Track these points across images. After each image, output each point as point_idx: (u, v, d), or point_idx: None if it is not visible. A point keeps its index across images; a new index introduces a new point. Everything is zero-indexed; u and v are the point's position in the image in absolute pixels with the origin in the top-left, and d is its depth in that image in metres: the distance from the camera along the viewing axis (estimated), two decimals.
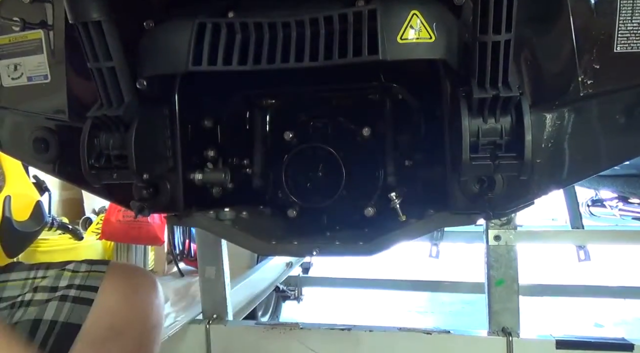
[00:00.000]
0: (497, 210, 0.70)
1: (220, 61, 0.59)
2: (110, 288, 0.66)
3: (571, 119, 0.62)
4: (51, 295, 0.65)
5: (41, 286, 0.65)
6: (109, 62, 0.60)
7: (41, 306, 0.63)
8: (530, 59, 0.61)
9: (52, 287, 0.66)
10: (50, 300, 0.64)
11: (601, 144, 0.63)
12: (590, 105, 0.62)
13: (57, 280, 0.67)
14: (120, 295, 0.67)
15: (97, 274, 0.69)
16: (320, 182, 0.83)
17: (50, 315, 0.62)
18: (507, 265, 1.11)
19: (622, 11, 0.58)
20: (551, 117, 0.63)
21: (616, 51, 0.59)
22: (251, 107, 0.86)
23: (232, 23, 0.60)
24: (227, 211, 0.79)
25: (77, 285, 0.66)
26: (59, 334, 0.62)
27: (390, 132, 0.79)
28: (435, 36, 0.56)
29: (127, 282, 0.70)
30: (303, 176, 0.84)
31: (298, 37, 0.59)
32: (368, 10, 0.57)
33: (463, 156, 0.57)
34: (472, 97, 0.56)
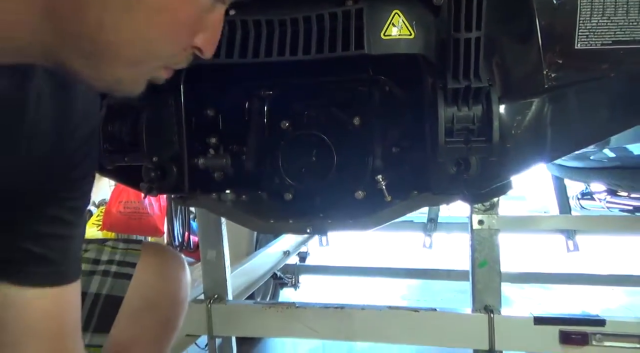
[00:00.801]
0: (474, 190, 0.77)
1: (223, 54, 0.66)
2: (147, 265, 0.73)
3: (537, 108, 0.69)
4: (94, 268, 0.71)
5: (85, 257, 0.72)
6: None
7: (86, 278, 0.70)
8: (501, 54, 0.68)
9: (95, 260, 0.72)
10: (94, 273, 0.71)
11: (564, 131, 0.71)
12: (553, 96, 0.69)
13: (99, 253, 0.73)
14: (155, 271, 0.74)
15: (134, 252, 0.75)
16: (314, 167, 0.90)
17: (95, 288, 0.69)
18: (489, 248, 1.18)
19: (582, 12, 0.65)
20: (520, 107, 0.70)
21: (577, 48, 0.66)
22: (250, 97, 0.93)
23: (233, 20, 0.67)
24: (228, 193, 0.87)
25: (117, 261, 0.72)
26: (104, 305, 0.69)
27: (378, 120, 0.86)
28: (415, 33, 0.63)
29: (161, 260, 0.76)
30: (298, 161, 0.91)
31: (293, 33, 0.66)
32: (355, 9, 0.64)
33: (439, 139, 0.64)
34: (447, 88, 0.63)
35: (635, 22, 0.65)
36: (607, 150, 1.72)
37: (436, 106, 0.66)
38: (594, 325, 1.07)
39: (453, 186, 0.75)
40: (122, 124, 0.71)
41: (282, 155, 0.89)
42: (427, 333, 1.18)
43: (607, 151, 1.74)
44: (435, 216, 2.59)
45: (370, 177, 0.84)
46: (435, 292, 2.90)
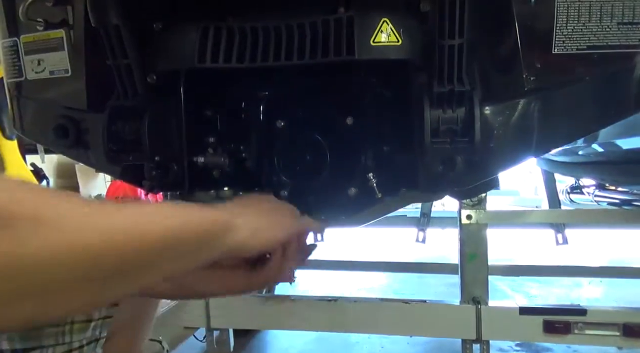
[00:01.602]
0: (460, 186, 0.82)
1: (221, 59, 0.70)
2: None
3: (518, 109, 0.73)
4: None
5: None
6: (126, 60, 0.71)
7: None
8: (483, 59, 0.72)
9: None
10: None
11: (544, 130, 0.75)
12: (534, 97, 0.73)
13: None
14: None
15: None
16: (308, 165, 0.94)
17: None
18: (477, 242, 1.23)
19: (559, 18, 0.69)
20: (502, 108, 0.74)
21: (554, 52, 0.70)
22: (246, 98, 0.97)
23: (231, 27, 0.70)
24: (227, 191, 0.91)
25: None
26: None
27: (369, 121, 0.90)
28: (402, 40, 0.67)
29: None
30: (293, 159, 0.95)
31: (288, 39, 0.70)
32: (347, 17, 0.68)
33: (425, 139, 0.68)
34: (433, 91, 0.68)
35: (608, 28, 0.69)
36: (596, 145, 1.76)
37: (422, 107, 0.70)
38: (575, 314, 1.12)
39: (440, 183, 0.79)
40: (125, 125, 0.75)
41: (278, 154, 0.93)
42: (417, 324, 1.23)
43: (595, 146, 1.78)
44: (428, 211, 2.64)
45: (361, 174, 0.88)
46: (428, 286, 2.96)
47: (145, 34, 0.75)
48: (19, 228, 0.30)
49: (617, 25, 0.69)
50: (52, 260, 0.32)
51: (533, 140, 0.75)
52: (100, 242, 0.35)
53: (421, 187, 0.82)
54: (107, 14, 0.67)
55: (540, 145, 0.76)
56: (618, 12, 0.69)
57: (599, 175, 2.23)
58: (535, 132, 0.74)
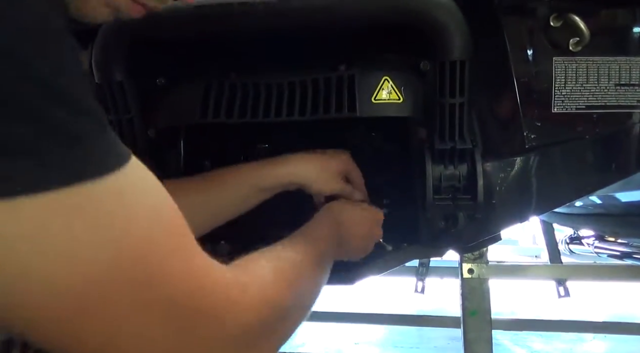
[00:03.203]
0: (463, 243, 0.80)
1: (223, 115, 0.70)
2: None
3: (520, 166, 0.73)
4: None
5: None
6: (127, 115, 0.71)
7: None
8: (484, 116, 0.73)
9: None
10: None
11: (549, 186, 0.75)
12: (535, 155, 0.73)
13: None
14: None
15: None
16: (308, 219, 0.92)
17: None
18: (480, 297, 1.19)
19: (557, 79, 0.70)
20: (503, 165, 0.74)
21: (554, 111, 0.71)
22: (246, 150, 0.97)
23: (234, 83, 0.71)
24: (223, 244, 0.88)
25: None
26: None
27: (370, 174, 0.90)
28: (403, 97, 0.68)
29: None
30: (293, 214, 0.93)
31: (289, 96, 0.70)
32: (348, 75, 0.69)
33: (427, 197, 0.68)
34: (435, 148, 0.67)
35: (606, 89, 0.71)
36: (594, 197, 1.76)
37: (423, 164, 0.70)
38: None
39: (442, 239, 0.78)
40: None
41: (277, 208, 0.92)
42: None
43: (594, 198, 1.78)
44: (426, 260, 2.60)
45: None
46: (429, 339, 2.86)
47: (148, 89, 0.76)
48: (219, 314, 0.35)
49: (615, 86, 0.70)
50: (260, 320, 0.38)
51: (535, 198, 0.74)
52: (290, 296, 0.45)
53: (423, 241, 0.80)
54: (112, 71, 0.68)
55: (542, 203, 0.75)
56: (615, 73, 0.70)
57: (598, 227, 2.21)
58: (537, 189, 0.74)
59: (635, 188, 1.34)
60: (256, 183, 0.71)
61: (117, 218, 0.29)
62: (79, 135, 0.27)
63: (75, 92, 0.28)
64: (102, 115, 0.30)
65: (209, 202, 0.69)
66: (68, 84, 0.27)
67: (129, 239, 0.30)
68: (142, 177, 0.33)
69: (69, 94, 0.27)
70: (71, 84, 0.28)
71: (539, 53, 0.70)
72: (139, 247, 0.30)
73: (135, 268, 0.30)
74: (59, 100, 0.27)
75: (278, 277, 0.44)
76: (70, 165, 0.27)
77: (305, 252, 0.54)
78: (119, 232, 0.29)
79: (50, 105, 0.26)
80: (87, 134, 0.28)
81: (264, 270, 0.43)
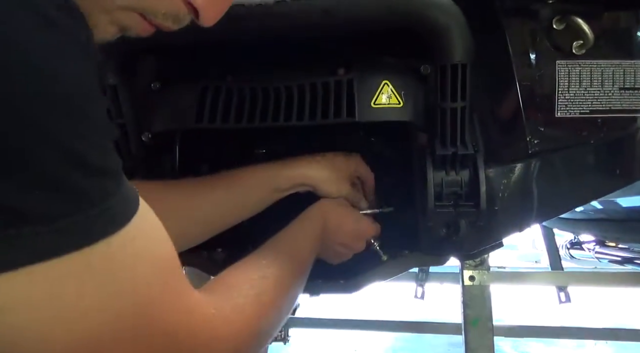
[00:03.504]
0: (465, 251, 0.78)
1: (219, 119, 0.68)
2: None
3: (523, 172, 0.72)
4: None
5: None
6: (121, 120, 0.69)
7: None
8: (486, 121, 0.71)
9: None
10: None
11: (553, 193, 0.73)
12: (539, 160, 0.71)
13: None
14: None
15: None
16: None
17: None
18: (481, 305, 1.17)
19: (560, 83, 0.69)
20: (506, 171, 0.72)
21: (557, 116, 0.69)
22: (244, 155, 0.95)
23: (230, 87, 0.69)
24: (220, 251, 0.86)
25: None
26: None
27: None
28: (404, 102, 0.66)
29: None
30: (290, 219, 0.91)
31: (287, 100, 0.69)
32: (347, 79, 0.67)
33: (429, 204, 0.66)
34: (436, 153, 0.66)
35: (610, 93, 0.69)
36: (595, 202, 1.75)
37: (424, 169, 0.68)
38: None
39: (443, 247, 0.76)
40: None
41: (275, 212, 0.90)
42: None
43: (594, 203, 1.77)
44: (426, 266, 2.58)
45: None
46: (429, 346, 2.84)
47: (143, 93, 0.74)
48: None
49: (619, 90, 0.69)
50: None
51: (538, 204, 0.72)
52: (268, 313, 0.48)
53: (424, 249, 0.78)
54: (105, 75, 0.66)
55: (545, 209, 0.73)
56: (619, 77, 0.69)
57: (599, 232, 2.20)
58: (540, 196, 0.72)
59: (636, 193, 1.32)
60: (272, 184, 0.71)
61: (124, 272, 0.31)
62: (93, 197, 0.28)
63: (92, 153, 0.28)
64: (117, 167, 0.31)
65: (228, 201, 0.70)
66: (86, 147, 0.27)
67: (134, 290, 0.31)
68: (148, 227, 0.34)
69: (86, 156, 0.27)
70: (89, 146, 0.28)
71: (542, 56, 0.69)
72: (143, 297, 0.32)
73: (137, 317, 0.32)
74: (75, 164, 0.27)
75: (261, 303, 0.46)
76: (82, 229, 0.27)
77: (290, 264, 0.56)
78: (126, 285, 0.31)
79: (66, 170, 0.26)
80: (101, 195, 0.28)
81: (247, 299, 0.45)
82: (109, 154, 0.30)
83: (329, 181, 0.73)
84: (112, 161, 0.30)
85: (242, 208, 0.70)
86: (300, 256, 0.61)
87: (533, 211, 0.72)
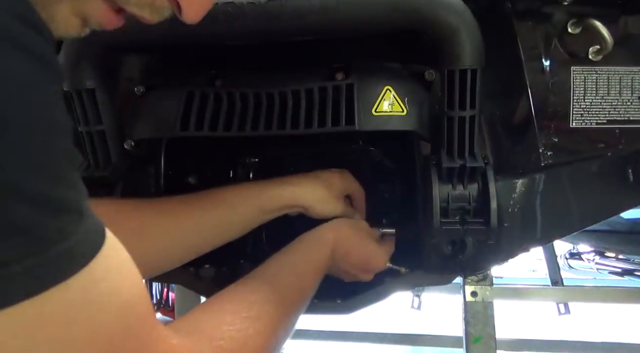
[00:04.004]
0: (470, 271, 0.73)
1: (207, 127, 0.63)
2: None
3: (535, 186, 0.66)
4: None
5: None
6: (100, 126, 0.63)
7: None
8: (496, 131, 0.66)
9: None
10: None
11: (566, 209, 0.68)
12: (551, 174, 0.66)
13: None
14: None
15: None
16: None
17: None
18: (484, 322, 1.12)
19: (575, 91, 0.64)
20: (516, 184, 0.67)
21: (572, 126, 0.64)
22: (234, 165, 0.89)
23: (219, 92, 0.64)
24: (208, 268, 0.80)
25: None
26: None
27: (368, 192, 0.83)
28: (407, 109, 0.61)
29: None
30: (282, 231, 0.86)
31: (281, 107, 0.63)
32: (346, 84, 0.62)
33: (434, 221, 0.60)
34: (442, 166, 0.60)
35: (629, 102, 0.64)
36: None
37: (429, 183, 0.63)
38: None
39: (447, 266, 0.71)
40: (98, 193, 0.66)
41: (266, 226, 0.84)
42: None
43: None
44: None
45: None
46: None
47: (125, 98, 0.69)
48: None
49: (639, 99, 0.64)
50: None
51: (550, 221, 0.67)
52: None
53: (426, 267, 0.73)
54: (82, 77, 0.61)
55: (557, 226, 0.68)
56: (638, 85, 0.64)
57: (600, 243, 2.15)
58: (553, 211, 0.67)
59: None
60: (260, 204, 0.66)
61: (84, 321, 0.27)
62: (48, 237, 0.25)
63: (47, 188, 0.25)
64: (80, 200, 0.27)
65: (210, 221, 0.64)
66: (41, 181, 0.25)
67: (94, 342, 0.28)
68: (114, 265, 0.30)
69: (39, 192, 0.25)
70: (45, 180, 0.25)
71: (556, 62, 0.64)
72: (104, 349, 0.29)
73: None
74: (26, 201, 0.24)
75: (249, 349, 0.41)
76: (32, 275, 0.24)
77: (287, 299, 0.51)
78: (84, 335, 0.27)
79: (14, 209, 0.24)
80: (58, 234, 0.25)
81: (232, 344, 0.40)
82: (71, 186, 0.27)
83: (324, 201, 0.68)
84: (73, 194, 0.27)
85: (226, 230, 0.65)
86: (301, 287, 0.55)
87: (545, 228, 0.67)
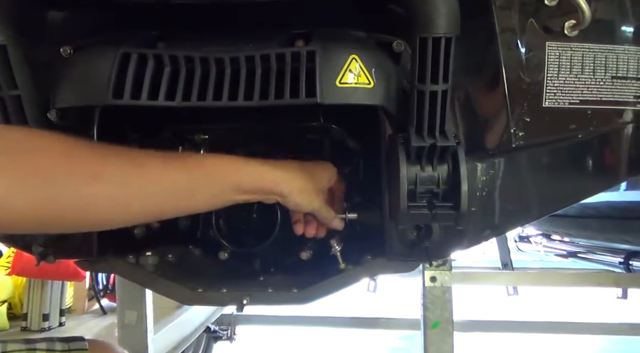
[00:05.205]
0: (436, 257, 0.69)
1: (145, 95, 0.54)
2: None
3: (504, 168, 0.63)
4: None
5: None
6: (14, 90, 0.54)
7: None
8: (466, 109, 0.62)
9: None
10: None
11: (534, 193, 0.65)
12: (522, 156, 0.63)
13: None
14: None
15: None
16: (254, 225, 0.79)
17: None
18: (442, 307, 1.10)
19: (549, 68, 0.60)
20: (485, 166, 0.63)
21: (545, 106, 0.61)
22: (182, 142, 0.81)
23: (160, 55, 0.55)
24: (150, 255, 0.72)
25: None
26: None
27: None
28: (374, 82, 0.55)
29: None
30: (235, 217, 0.79)
31: (232, 75, 0.56)
32: (307, 51, 0.55)
33: (401, 205, 0.55)
34: (410, 145, 0.55)
35: (602, 81, 0.61)
36: None
37: (396, 164, 0.57)
38: None
39: (411, 252, 0.66)
40: None
41: (217, 212, 0.77)
42: None
43: None
44: None
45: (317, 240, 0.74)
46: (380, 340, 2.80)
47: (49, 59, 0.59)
48: None
49: (612, 79, 0.61)
50: None
51: (521, 204, 0.64)
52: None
53: (389, 254, 0.68)
54: None
55: (528, 210, 0.65)
56: (612, 64, 0.61)
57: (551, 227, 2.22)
58: (525, 194, 0.64)
59: None
60: (238, 181, 0.57)
61: None
62: None
63: None
64: None
65: (182, 184, 0.54)
66: None
67: None
68: None
69: None
70: None
71: (531, 37, 0.60)
72: None
73: None
74: None
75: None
76: None
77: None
78: None
79: None
80: None
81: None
82: None
83: (305, 192, 0.62)
84: None
85: (194, 199, 0.55)
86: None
87: (514, 213, 0.64)
